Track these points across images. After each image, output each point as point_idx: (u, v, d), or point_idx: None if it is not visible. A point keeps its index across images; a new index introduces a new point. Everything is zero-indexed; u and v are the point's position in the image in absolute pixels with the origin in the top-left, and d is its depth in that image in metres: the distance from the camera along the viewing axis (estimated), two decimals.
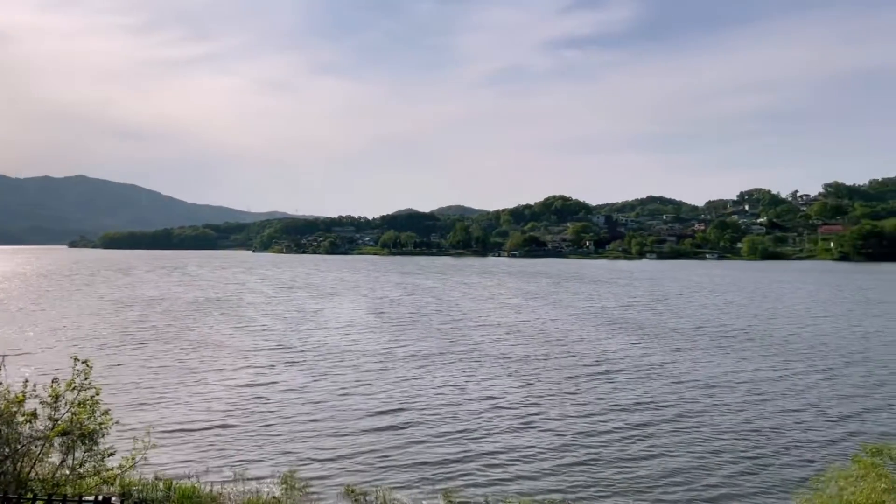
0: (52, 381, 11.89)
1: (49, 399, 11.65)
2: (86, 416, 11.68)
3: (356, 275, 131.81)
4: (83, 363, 11.98)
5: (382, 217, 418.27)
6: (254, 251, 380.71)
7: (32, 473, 11.38)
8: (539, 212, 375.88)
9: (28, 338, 41.29)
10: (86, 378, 11.91)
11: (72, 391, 11.77)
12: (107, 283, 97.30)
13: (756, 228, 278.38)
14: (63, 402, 11.69)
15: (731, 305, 66.06)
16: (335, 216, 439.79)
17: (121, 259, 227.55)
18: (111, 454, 12.02)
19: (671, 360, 34.54)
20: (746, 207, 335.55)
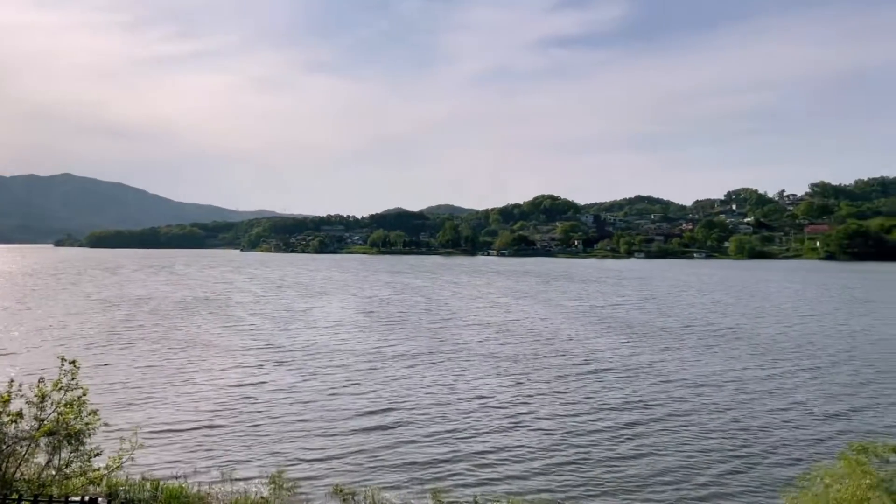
0: (39, 381, 11.80)
1: (35, 399, 11.57)
2: (72, 417, 11.60)
3: (345, 274, 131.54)
4: (70, 363, 11.91)
5: (371, 216, 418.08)
6: (242, 250, 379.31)
7: (18, 474, 11.29)
8: (528, 211, 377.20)
9: (13, 337, 40.90)
10: (73, 378, 11.84)
11: (58, 391, 11.69)
12: (93, 283, 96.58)
13: (743, 228, 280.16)
14: (49, 402, 11.61)
15: (719, 304, 66.44)
16: (324, 215, 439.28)
17: (108, 258, 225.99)
18: (98, 454, 11.94)
19: (660, 360, 34.70)
20: (734, 207, 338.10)
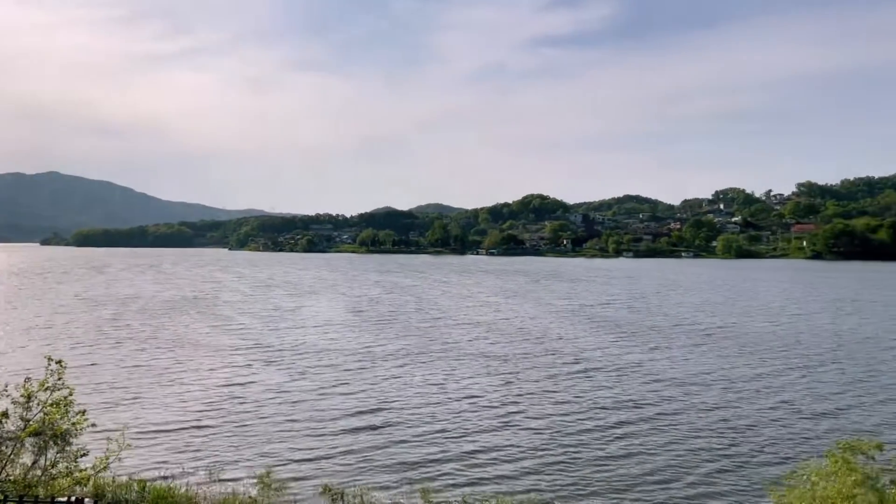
0: (25, 381, 11.70)
1: (21, 399, 11.47)
2: (59, 417, 11.52)
3: (334, 273, 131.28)
4: (56, 363, 11.81)
5: (360, 215, 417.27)
6: (230, 249, 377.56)
7: (3, 474, 11.18)
8: (517, 210, 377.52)
9: None
10: (59, 378, 11.75)
11: (44, 391, 11.60)
12: (80, 282, 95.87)
13: (731, 227, 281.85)
14: (35, 402, 11.52)
15: (707, 304, 66.80)
16: (313, 214, 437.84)
17: (95, 257, 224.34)
18: (84, 455, 11.85)
19: (649, 359, 34.83)
20: (721, 206, 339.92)
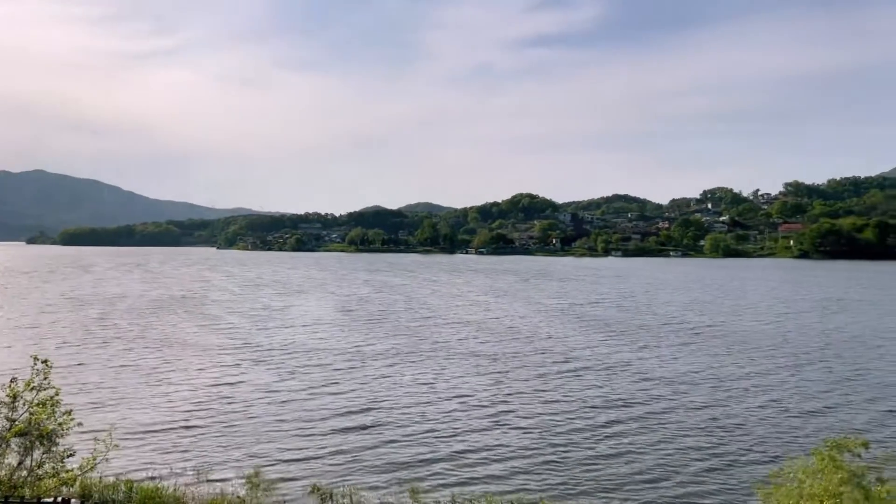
0: (10, 381, 11.60)
1: (6, 399, 11.37)
2: (45, 417, 11.43)
3: (323, 272, 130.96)
4: (42, 363, 11.73)
5: (350, 214, 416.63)
6: (218, 248, 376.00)
7: None
8: (506, 209, 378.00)
9: None
10: (45, 378, 11.66)
11: (30, 391, 11.51)
12: (67, 281, 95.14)
13: (718, 226, 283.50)
14: (21, 403, 11.42)
15: (696, 303, 67.15)
16: (301, 213, 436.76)
17: (81, 255, 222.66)
18: (71, 455, 11.76)
19: (638, 358, 34.97)
20: (709, 206, 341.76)
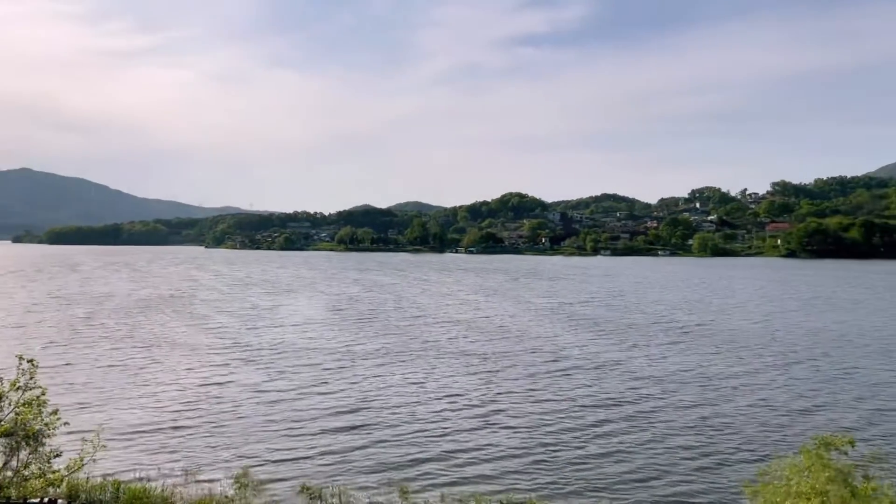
0: None
1: None
2: (31, 417, 11.33)
3: (313, 271, 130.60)
4: (28, 362, 11.62)
5: (339, 213, 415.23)
6: (207, 247, 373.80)
7: None
8: (496, 209, 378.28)
9: None
10: (31, 377, 11.56)
11: (16, 391, 11.40)
12: (54, 280, 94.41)
13: (706, 226, 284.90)
14: (7, 402, 11.32)
15: (684, 301, 67.40)
16: (290, 212, 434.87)
17: (68, 254, 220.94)
18: (58, 456, 11.67)
19: (627, 357, 35.08)
20: (697, 205, 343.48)
